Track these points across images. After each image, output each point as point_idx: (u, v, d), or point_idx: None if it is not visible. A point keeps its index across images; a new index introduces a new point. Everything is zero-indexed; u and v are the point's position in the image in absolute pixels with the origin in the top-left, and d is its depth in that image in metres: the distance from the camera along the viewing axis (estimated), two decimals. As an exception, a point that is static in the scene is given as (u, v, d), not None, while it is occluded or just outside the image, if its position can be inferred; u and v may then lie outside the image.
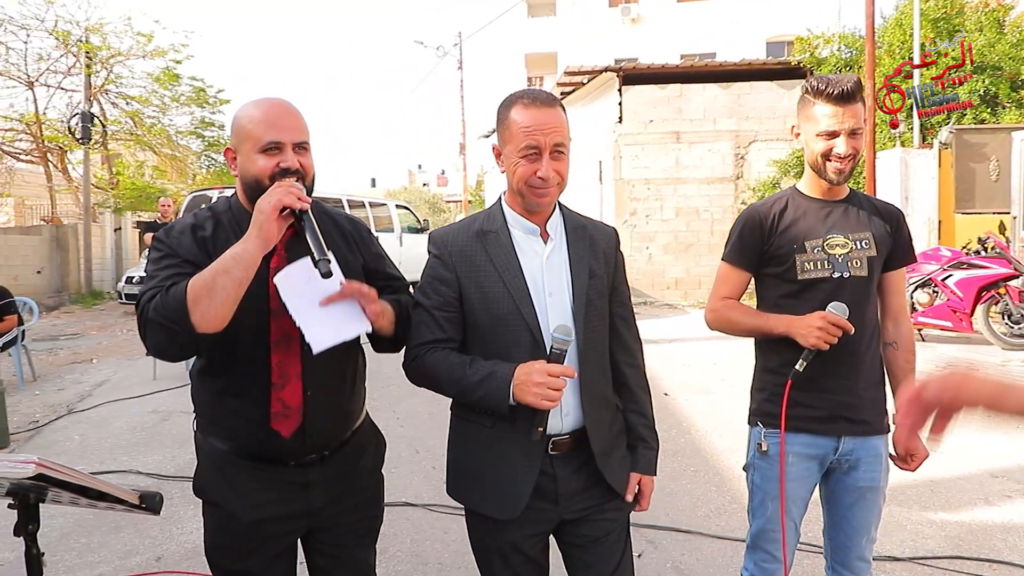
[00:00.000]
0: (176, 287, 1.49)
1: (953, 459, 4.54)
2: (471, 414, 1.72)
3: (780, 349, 2.00)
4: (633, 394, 1.82)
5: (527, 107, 1.62)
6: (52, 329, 11.67)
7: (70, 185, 18.65)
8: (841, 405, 1.99)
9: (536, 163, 1.61)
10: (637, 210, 14.34)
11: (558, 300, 1.67)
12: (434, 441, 5.06)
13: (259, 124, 1.61)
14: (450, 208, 51.53)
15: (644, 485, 1.80)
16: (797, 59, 13.83)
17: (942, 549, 3.32)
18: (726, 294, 2.13)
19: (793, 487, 2.02)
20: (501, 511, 1.67)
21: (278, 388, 1.65)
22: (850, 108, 1.91)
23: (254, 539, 1.70)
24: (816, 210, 2.03)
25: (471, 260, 1.68)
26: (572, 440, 1.69)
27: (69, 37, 16.96)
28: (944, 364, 1.13)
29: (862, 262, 1.98)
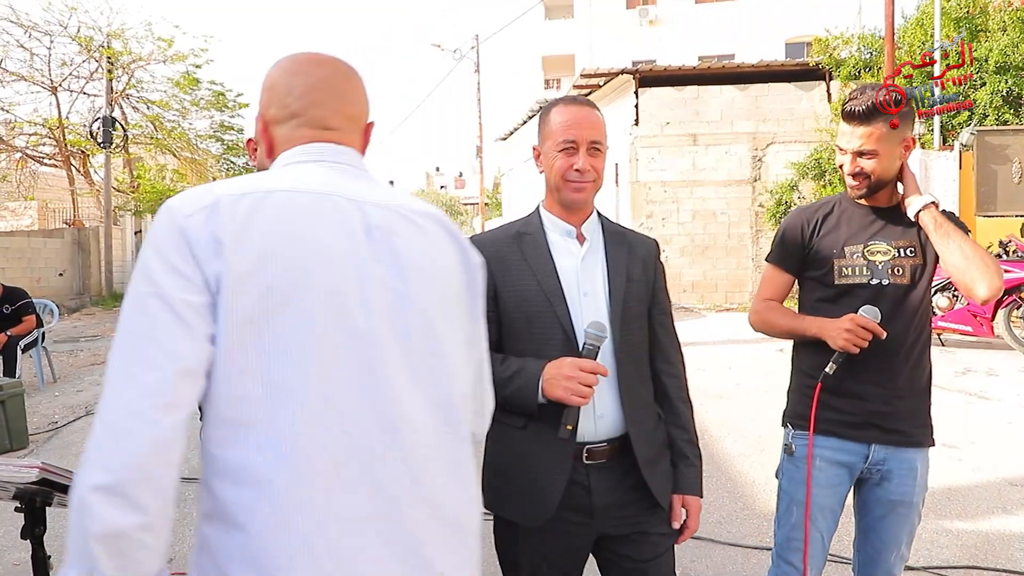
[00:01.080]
0: None
1: (970, 467, 4.47)
2: (502, 415, 1.66)
3: (813, 352, 1.99)
4: (674, 406, 1.77)
5: (567, 106, 1.70)
6: (73, 331, 11.85)
7: (92, 188, 18.92)
8: (873, 412, 1.95)
9: (573, 157, 1.66)
10: (654, 213, 14.29)
11: (593, 300, 1.67)
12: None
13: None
14: (467, 211, 51.65)
15: (690, 506, 1.74)
16: (815, 60, 13.71)
17: (957, 559, 3.27)
18: (768, 295, 2.15)
19: (820, 494, 1.98)
20: (527, 517, 1.63)
21: None
22: (861, 128, 1.89)
23: None
24: (861, 216, 2.01)
25: (506, 260, 1.70)
26: (610, 449, 1.64)
27: (91, 43, 17.22)
28: None
29: (904, 270, 1.94)
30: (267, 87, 1.16)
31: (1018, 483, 4.20)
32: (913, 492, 1.97)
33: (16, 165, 18.75)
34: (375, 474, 0.97)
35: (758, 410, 5.72)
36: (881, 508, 2.00)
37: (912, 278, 1.94)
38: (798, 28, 24.13)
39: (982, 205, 10.31)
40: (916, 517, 2.02)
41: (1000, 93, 11.14)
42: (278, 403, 0.92)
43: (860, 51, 13.21)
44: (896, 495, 1.97)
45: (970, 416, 5.66)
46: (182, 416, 0.88)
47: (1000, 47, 11.12)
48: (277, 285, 0.93)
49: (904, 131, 1.92)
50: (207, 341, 0.91)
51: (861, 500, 2.07)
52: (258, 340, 0.92)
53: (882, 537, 2.00)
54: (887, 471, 1.97)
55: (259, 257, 0.93)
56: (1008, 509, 3.84)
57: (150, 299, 0.90)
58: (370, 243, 1.02)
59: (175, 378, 0.88)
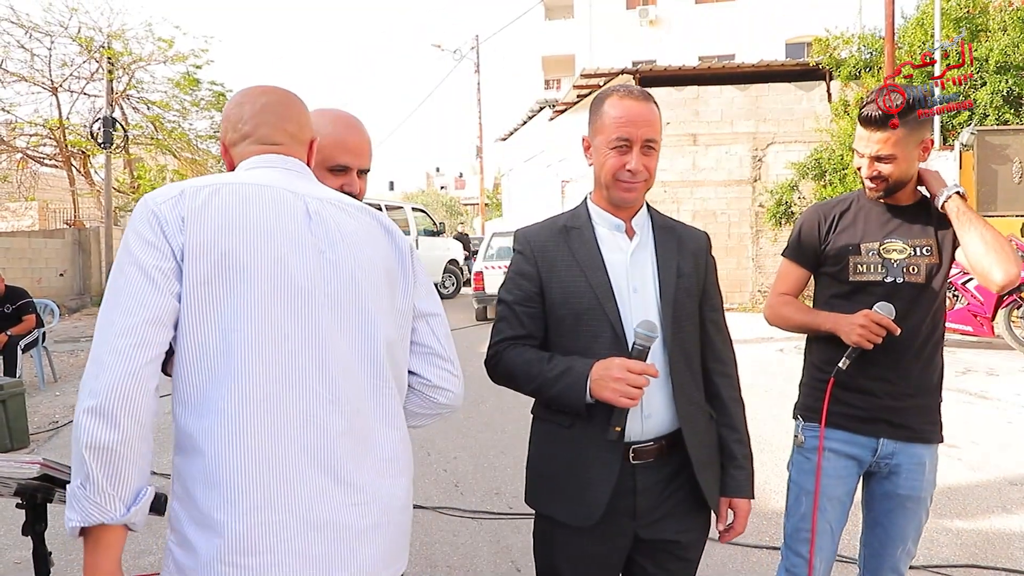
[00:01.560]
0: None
1: (970, 467, 4.47)
2: (549, 414, 1.66)
3: (826, 346, 2.02)
4: (725, 406, 1.72)
5: (622, 98, 1.61)
6: (74, 331, 11.85)
7: (92, 189, 18.93)
8: (883, 408, 1.97)
9: (626, 155, 1.59)
10: (653, 213, 14.28)
11: (643, 297, 1.62)
12: (446, 444, 5.07)
13: (335, 144, 1.62)
14: (468, 211, 51.64)
15: (738, 508, 1.70)
16: (815, 60, 13.71)
17: (957, 557, 3.27)
18: (784, 290, 2.17)
19: (829, 484, 2.00)
20: (575, 517, 1.59)
21: None
22: (878, 134, 1.90)
23: None
24: (879, 214, 2.03)
25: (553, 255, 1.65)
26: (657, 448, 1.60)
27: (92, 43, 17.22)
28: None
29: (919, 269, 1.95)
30: (224, 118, 1.42)
31: (1018, 482, 4.20)
32: (921, 487, 1.99)
33: (17, 166, 18.76)
34: (311, 406, 1.18)
35: (758, 410, 5.72)
36: (889, 502, 2.01)
37: (927, 277, 1.95)
38: (798, 28, 24.14)
39: (982, 205, 10.30)
40: (924, 513, 2.02)
41: (1000, 93, 11.13)
42: (231, 347, 1.14)
43: (860, 51, 13.20)
44: (904, 489, 1.99)
45: (970, 416, 5.67)
46: (153, 355, 1.10)
47: (1000, 47, 11.12)
48: (230, 250, 1.16)
49: (922, 133, 1.93)
50: (173, 297, 1.14)
51: (869, 493, 2.08)
52: (215, 296, 1.15)
53: (888, 531, 2.01)
54: (895, 465, 1.99)
55: (215, 230, 1.16)
56: (1008, 508, 3.84)
57: (128, 266, 1.14)
58: (308, 223, 1.25)
59: (146, 324, 1.10)
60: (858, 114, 1.95)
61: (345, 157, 1.63)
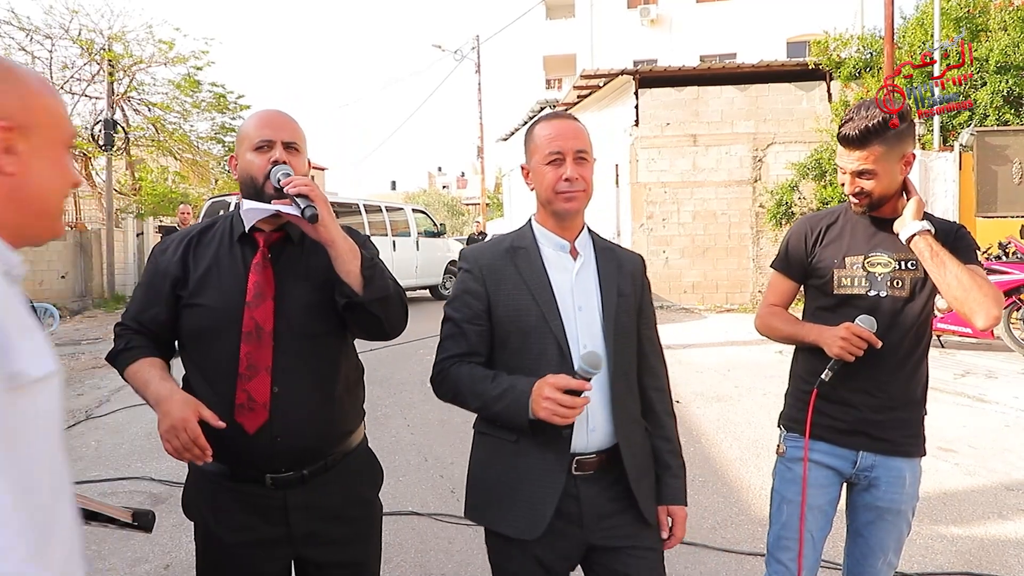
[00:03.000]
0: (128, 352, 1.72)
1: (966, 472, 4.47)
2: (494, 429, 1.71)
3: (810, 358, 2.04)
4: (659, 419, 1.81)
5: (549, 120, 1.74)
6: (75, 334, 11.87)
7: (94, 191, 18.95)
8: (862, 420, 1.99)
9: (560, 167, 1.67)
10: (654, 213, 14.28)
11: (587, 315, 1.69)
12: (443, 449, 5.07)
13: (253, 126, 1.72)
14: (469, 211, 51.64)
15: (676, 515, 1.78)
16: (815, 61, 13.69)
17: (952, 565, 3.27)
18: (773, 301, 2.20)
19: (810, 493, 2.02)
20: (521, 530, 1.64)
21: (244, 379, 1.62)
22: (856, 152, 1.92)
23: (237, 563, 1.68)
24: (864, 227, 2.04)
25: (500, 274, 1.71)
26: (599, 460, 1.66)
27: (92, 46, 17.25)
28: None
29: (904, 283, 1.96)
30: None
31: (1014, 488, 4.20)
32: (901, 500, 2.00)
33: (18, 168, 18.77)
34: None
35: (756, 414, 5.72)
36: (868, 514, 2.03)
37: (912, 291, 1.96)
38: (800, 27, 24.10)
39: (982, 206, 10.29)
40: (905, 526, 2.03)
41: (1001, 93, 11.11)
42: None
43: (860, 51, 13.18)
44: (883, 502, 2.00)
45: (968, 419, 5.66)
46: None
47: (1000, 47, 11.09)
48: None
49: (903, 147, 1.93)
50: None
51: (850, 504, 2.11)
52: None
53: (869, 543, 2.03)
54: (874, 478, 2.00)
55: None
56: (1004, 514, 3.84)
57: None
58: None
59: None
60: (837, 134, 1.97)
61: (265, 132, 1.69)
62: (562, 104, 17.66)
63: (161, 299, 1.72)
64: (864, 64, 13.03)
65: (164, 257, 1.75)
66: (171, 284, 1.72)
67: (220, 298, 1.66)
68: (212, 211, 12.82)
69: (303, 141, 1.76)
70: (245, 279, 1.67)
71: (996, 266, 7.94)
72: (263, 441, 1.63)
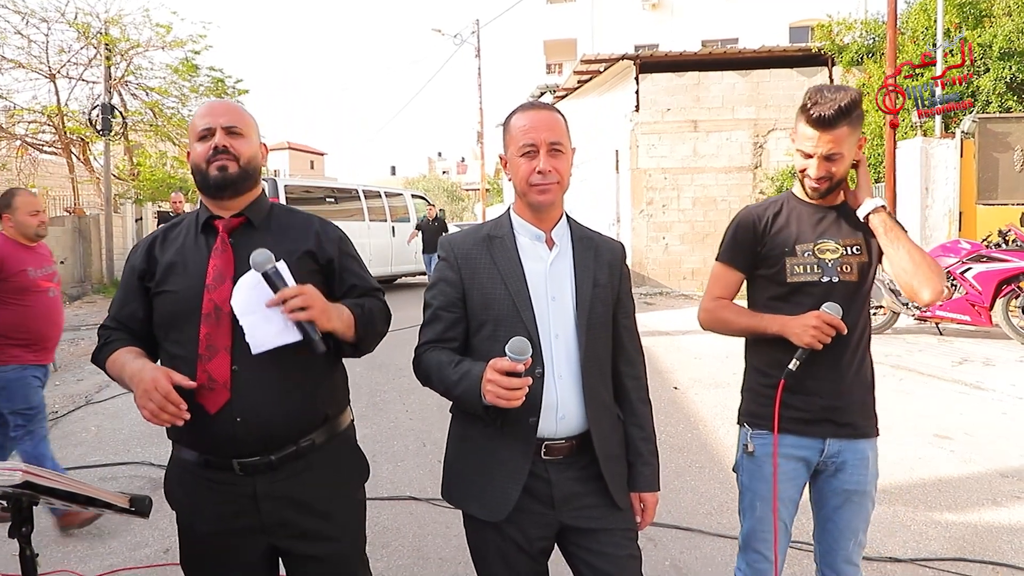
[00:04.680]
0: (107, 346, 1.77)
1: (962, 459, 4.49)
2: (464, 413, 1.76)
3: (770, 349, 2.04)
4: (634, 407, 1.83)
5: (524, 111, 1.73)
6: (74, 319, 11.88)
7: (92, 176, 18.90)
8: (827, 408, 2.01)
9: (534, 160, 1.68)
10: (654, 200, 14.26)
11: (560, 305, 1.71)
12: (441, 435, 5.08)
13: (196, 117, 1.77)
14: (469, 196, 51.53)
15: (647, 500, 1.83)
16: (818, 46, 13.61)
17: (945, 551, 3.29)
18: (719, 294, 2.18)
19: (780, 487, 2.05)
20: (488, 512, 1.70)
21: (204, 360, 1.63)
22: (828, 133, 1.90)
23: (213, 551, 1.71)
24: (810, 215, 2.06)
25: (476, 263, 1.73)
26: (569, 446, 1.70)
27: (89, 29, 17.13)
28: None
29: (852, 268, 2.00)
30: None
31: (1009, 474, 4.22)
32: (867, 480, 2.05)
33: (16, 153, 18.72)
34: None
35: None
36: (837, 498, 2.07)
37: (860, 275, 2.01)
38: (802, 11, 23.92)
39: (983, 193, 10.27)
40: (870, 504, 2.09)
41: (1004, 80, 11.04)
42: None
43: (863, 36, 13.11)
44: (851, 484, 2.05)
45: (965, 406, 5.68)
46: None
47: (1004, 33, 11.00)
48: None
49: (860, 129, 1.96)
50: None
51: (817, 492, 2.13)
52: None
53: (839, 526, 2.07)
54: (841, 463, 2.05)
55: None
56: (998, 501, 3.86)
57: None
58: None
59: None
60: (806, 116, 1.93)
61: (205, 120, 1.72)
62: (562, 89, 17.57)
63: (133, 294, 1.77)
64: (867, 49, 12.96)
65: (133, 256, 1.81)
66: (138, 277, 1.76)
67: (184, 283, 1.69)
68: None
69: (248, 126, 1.77)
70: (206, 262, 1.70)
71: (996, 253, 7.93)
72: (225, 421, 1.63)
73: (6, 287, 3.56)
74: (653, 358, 7.51)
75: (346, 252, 1.85)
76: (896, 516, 3.67)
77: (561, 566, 1.83)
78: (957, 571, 3.10)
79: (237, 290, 1.64)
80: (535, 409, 1.65)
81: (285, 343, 1.62)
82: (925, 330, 8.84)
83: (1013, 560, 3.18)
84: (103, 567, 3.27)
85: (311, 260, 1.77)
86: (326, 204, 13.64)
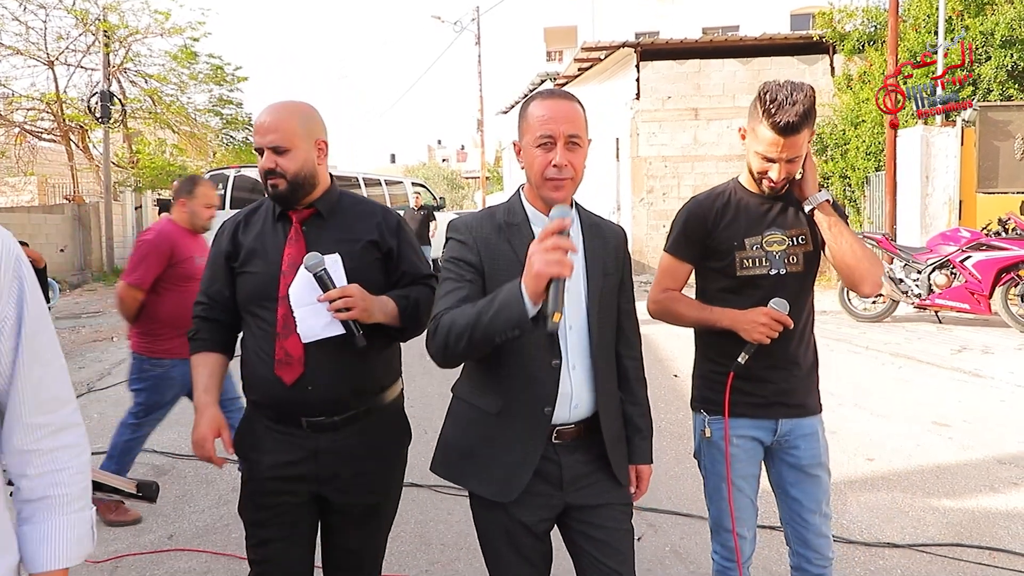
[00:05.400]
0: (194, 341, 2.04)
1: (960, 446, 4.52)
2: (474, 397, 1.76)
3: (721, 341, 2.09)
4: (631, 386, 1.88)
5: (544, 99, 1.68)
6: (75, 307, 11.90)
7: (91, 164, 18.86)
8: (778, 392, 2.09)
9: (551, 152, 1.63)
10: (654, 188, 14.24)
11: (573, 295, 1.69)
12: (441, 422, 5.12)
13: (254, 132, 1.92)
14: (469, 184, 51.41)
15: (642, 473, 1.88)
16: (819, 34, 13.55)
17: (943, 536, 3.33)
18: (669, 286, 2.21)
19: (741, 466, 2.13)
20: (495, 492, 1.70)
21: (282, 337, 1.85)
22: (790, 140, 1.90)
23: (270, 493, 1.92)
24: (756, 206, 2.09)
25: (495, 249, 1.70)
26: (576, 430, 1.73)
27: (87, 16, 17.06)
28: None
29: (798, 258, 2.06)
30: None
31: (1007, 461, 4.25)
32: (819, 453, 2.13)
33: (15, 140, 18.67)
34: None
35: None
36: (794, 474, 2.14)
37: (805, 265, 2.07)
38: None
39: (983, 182, 10.25)
40: (827, 475, 2.16)
41: (1005, 68, 10.99)
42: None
43: (864, 24, 13.05)
44: (806, 459, 2.12)
45: (964, 394, 5.71)
46: None
47: (1007, 20, 10.94)
48: None
49: (813, 126, 1.98)
50: None
51: (776, 473, 2.19)
52: None
53: (802, 502, 2.13)
54: (793, 439, 2.12)
55: None
56: (995, 487, 3.89)
57: None
58: None
59: None
60: (770, 122, 1.89)
61: (256, 139, 1.89)
62: (563, 77, 17.51)
63: (220, 274, 1.98)
64: (868, 37, 12.90)
65: (220, 237, 2.02)
66: (225, 258, 1.97)
67: (263, 267, 1.90)
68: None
69: (294, 136, 1.88)
70: (282, 249, 1.91)
71: (995, 242, 7.94)
72: (298, 390, 1.85)
73: (173, 273, 3.51)
74: (653, 346, 7.54)
75: (404, 240, 2.02)
76: (894, 502, 3.71)
77: (557, 540, 1.85)
78: (954, 557, 3.13)
79: (294, 284, 1.84)
80: (550, 399, 1.66)
81: (330, 335, 1.82)
82: (924, 318, 8.86)
83: (1010, 546, 3.21)
84: (107, 553, 3.29)
85: (374, 249, 1.96)
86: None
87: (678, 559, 3.17)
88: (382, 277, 1.96)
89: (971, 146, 10.33)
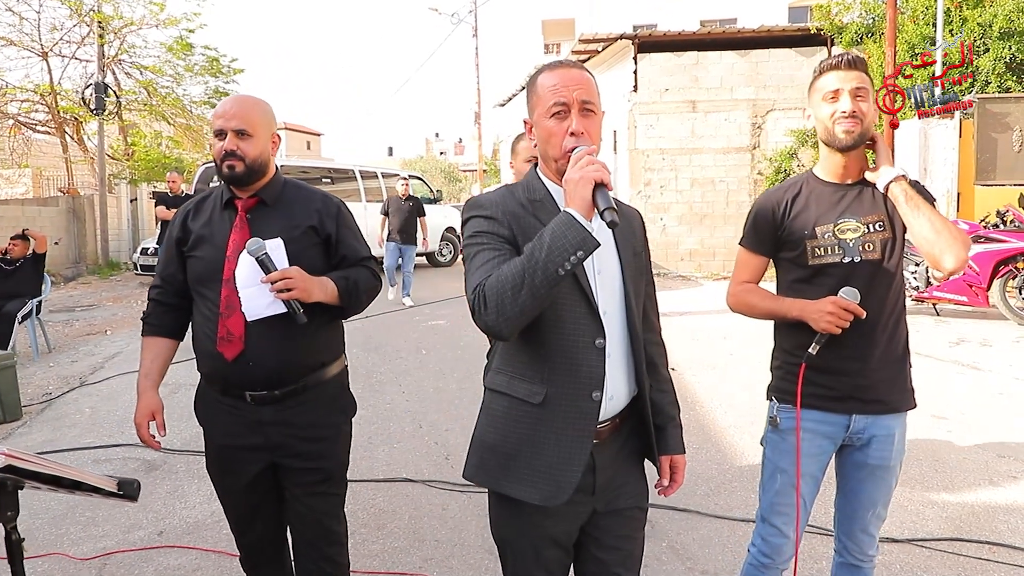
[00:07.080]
0: (146, 324, 2.19)
1: (959, 438, 4.49)
2: (513, 388, 1.60)
3: (795, 332, 2.04)
4: (659, 371, 1.79)
5: (553, 69, 1.58)
6: (68, 300, 11.83)
7: (86, 156, 18.75)
8: (852, 386, 2.01)
9: (565, 120, 1.52)
10: (652, 180, 14.18)
11: (607, 279, 1.60)
12: (437, 416, 5.08)
13: (215, 116, 2.06)
14: (466, 177, 51.29)
15: (677, 464, 1.79)
16: (817, 26, 13.48)
17: (942, 531, 3.29)
18: (745, 278, 2.19)
19: (804, 462, 2.06)
20: (549, 497, 1.54)
21: (224, 317, 2.00)
22: (853, 72, 1.93)
23: (226, 460, 2.12)
24: (829, 194, 2.04)
25: (525, 224, 1.55)
26: (612, 426, 1.63)
27: (82, 6, 16.91)
28: None
29: (875, 245, 1.98)
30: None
31: (1006, 454, 4.22)
32: (891, 456, 2.06)
33: (9, 132, 18.56)
34: None
35: (750, 381, 5.72)
36: (860, 471, 2.08)
37: (883, 252, 1.99)
38: (801, -9, 23.69)
39: (981, 174, 10.21)
40: (893, 480, 2.10)
41: (1003, 59, 10.93)
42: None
43: (862, 16, 12.97)
44: (875, 460, 2.05)
45: (961, 387, 5.68)
46: None
47: (1005, 12, 10.87)
48: None
49: (871, 93, 1.99)
50: None
51: (841, 464, 2.15)
52: None
53: (860, 498, 2.09)
54: (868, 438, 2.05)
55: None
56: (995, 481, 3.86)
57: None
58: None
59: None
60: (828, 65, 1.97)
61: (217, 121, 2.02)
62: (560, 69, 17.39)
63: (173, 258, 2.13)
64: (866, 29, 12.83)
65: (173, 225, 2.18)
66: (176, 243, 2.12)
67: (210, 252, 2.04)
68: (206, 177, 12.68)
69: (257, 124, 2.03)
70: (228, 234, 2.05)
71: (993, 234, 7.91)
72: (240, 366, 2.00)
73: None
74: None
75: (343, 224, 2.14)
76: (893, 497, 3.66)
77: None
78: (953, 551, 3.10)
79: (239, 268, 1.98)
80: (598, 383, 1.53)
81: (274, 313, 1.98)
82: (922, 311, 8.83)
83: (1009, 540, 3.18)
84: (96, 550, 3.25)
85: (314, 233, 2.09)
86: (322, 185, 13.55)
87: (675, 556, 3.13)
88: (323, 260, 2.10)
89: (969, 138, 10.28)
